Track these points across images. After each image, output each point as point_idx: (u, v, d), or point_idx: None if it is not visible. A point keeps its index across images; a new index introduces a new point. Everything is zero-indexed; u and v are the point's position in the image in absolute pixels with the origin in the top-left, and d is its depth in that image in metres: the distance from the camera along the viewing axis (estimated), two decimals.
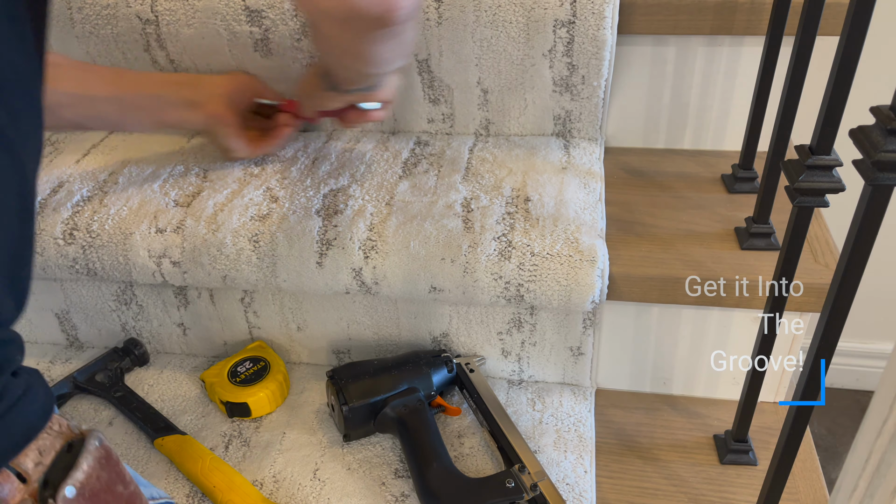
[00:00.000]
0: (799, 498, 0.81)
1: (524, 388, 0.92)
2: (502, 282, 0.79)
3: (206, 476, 0.79)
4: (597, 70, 0.89)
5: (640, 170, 0.99)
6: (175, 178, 0.92)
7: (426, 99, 0.96)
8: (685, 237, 0.86)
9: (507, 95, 0.94)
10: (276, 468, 0.83)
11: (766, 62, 0.83)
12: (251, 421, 0.89)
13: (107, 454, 0.53)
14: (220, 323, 0.95)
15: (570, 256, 0.78)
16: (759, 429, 0.87)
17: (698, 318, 0.88)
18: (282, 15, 0.90)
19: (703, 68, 0.96)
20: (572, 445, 0.84)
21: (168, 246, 0.84)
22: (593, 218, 0.83)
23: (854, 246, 0.55)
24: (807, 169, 0.61)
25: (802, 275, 0.75)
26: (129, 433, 0.88)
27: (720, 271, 0.80)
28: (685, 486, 0.83)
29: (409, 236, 0.81)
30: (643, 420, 0.91)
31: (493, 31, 0.88)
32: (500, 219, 0.83)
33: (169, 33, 0.94)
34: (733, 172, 0.96)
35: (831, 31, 0.67)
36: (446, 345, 0.92)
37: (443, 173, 0.91)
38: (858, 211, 0.54)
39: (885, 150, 0.49)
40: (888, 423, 0.44)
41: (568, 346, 0.89)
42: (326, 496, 0.79)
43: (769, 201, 0.83)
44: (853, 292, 0.57)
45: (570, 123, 0.96)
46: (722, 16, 0.89)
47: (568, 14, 0.85)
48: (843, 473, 0.50)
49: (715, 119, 1.01)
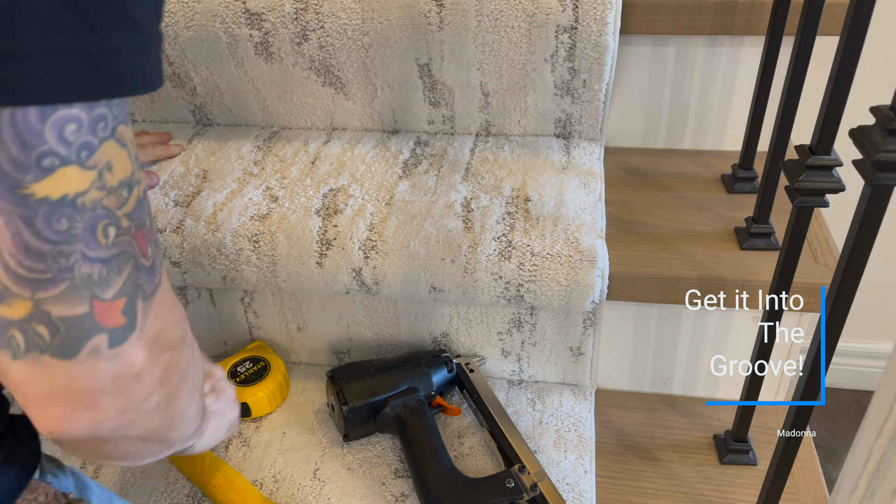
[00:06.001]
0: (799, 498, 0.81)
1: (524, 388, 0.92)
2: (502, 282, 0.79)
3: (205, 476, 0.79)
4: (598, 75, 0.89)
5: (640, 170, 0.99)
6: (175, 178, 0.92)
7: (426, 102, 0.96)
8: (685, 237, 0.86)
9: (509, 99, 0.94)
10: (276, 468, 0.83)
11: (766, 62, 0.83)
12: (251, 421, 0.89)
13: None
14: (220, 323, 0.95)
15: (570, 256, 0.78)
16: (759, 429, 0.87)
17: (698, 318, 0.88)
18: (282, 18, 0.90)
19: (703, 68, 0.96)
20: (572, 445, 0.84)
21: (168, 246, 0.84)
22: (593, 218, 0.83)
23: (854, 246, 0.55)
24: (807, 169, 0.61)
25: (802, 275, 0.75)
26: None
27: (720, 272, 0.80)
28: (685, 486, 0.83)
29: (409, 236, 0.81)
30: (643, 420, 0.91)
31: (495, 35, 0.88)
32: (501, 219, 0.83)
33: (168, 35, 0.94)
34: (733, 172, 0.96)
35: (831, 31, 0.67)
36: (446, 345, 0.92)
37: (443, 173, 0.91)
38: (858, 211, 0.54)
39: (885, 150, 0.49)
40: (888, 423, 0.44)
41: (568, 346, 0.89)
42: (326, 496, 0.79)
43: (769, 201, 0.83)
44: (853, 292, 0.57)
45: (570, 126, 0.96)
46: (722, 16, 0.89)
47: (570, 20, 0.85)
48: (843, 473, 0.50)
49: (715, 119, 1.01)
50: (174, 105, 1.02)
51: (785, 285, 0.70)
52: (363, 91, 0.96)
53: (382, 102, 0.97)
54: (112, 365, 0.39)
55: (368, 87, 0.95)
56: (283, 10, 0.89)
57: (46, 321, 0.37)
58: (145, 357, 0.41)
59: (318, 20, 0.89)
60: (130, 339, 0.40)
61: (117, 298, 0.39)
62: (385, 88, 0.95)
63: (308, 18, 0.89)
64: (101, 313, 0.38)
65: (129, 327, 0.40)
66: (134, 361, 0.40)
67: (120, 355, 0.40)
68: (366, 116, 0.99)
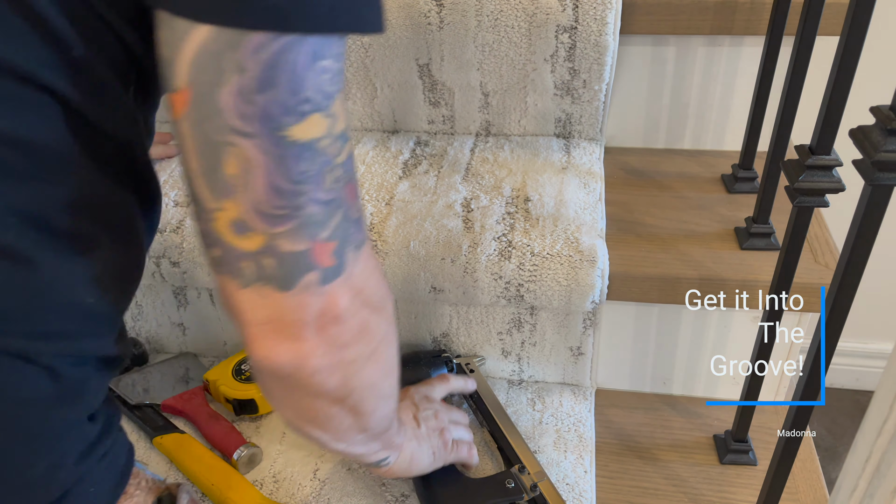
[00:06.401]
0: (799, 498, 0.81)
1: (524, 388, 0.92)
2: (502, 282, 0.79)
3: (205, 475, 0.79)
4: (598, 75, 0.89)
5: (640, 170, 0.99)
6: (175, 178, 0.92)
7: (426, 102, 0.96)
8: (685, 237, 0.86)
9: (509, 99, 0.94)
10: (276, 468, 0.83)
11: (766, 62, 0.83)
12: (251, 420, 0.89)
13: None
14: (219, 323, 0.95)
15: (570, 256, 0.78)
16: (759, 429, 0.87)
17: (698, 318, 0.88)
18: None
19: (703, 68, 0.96)
20: (572, 445, 0.84)
21: (168, 246, 0.83)
22: (593, 218, 0.83)
23: (854, 246, 0.55)
24: (807, 169, 0.61)
25: (802, 275, 0.75)
26: (129, 432, 0.87)
27: (720, 272, 0.80)
28: (685, 486, 0.83)
29: (409, 236, 0.81)
30: (643, 420, 0.91)
31: (495, 35, 0.88)
32: (501, 219, 0.83)
33: None
34: (733, 172, 0.95)
35: (831, 31, 0.67)
36: (446, 345, 0.92)
37: (443, 173, 0.91)
38: (858, 211, 0.54)
39: (885, 150, 0.49)
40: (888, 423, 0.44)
41: (568, 346, 0.89)
42: (326, 496, 0.79)
43: (769, 201, 0.83)
44: (853, 292, 0.57)
45: (570, 126, 0.96)
46: (722, 16, 0.89)
47: (570, 20, 0.85)
48: (843, 473, 0.50)
49: (715, 119, 1.01)
50: None
51: (785, 285, 0.70)
52: (363, 91, 0.96)
53: (382, 102, 0.97)
54: (318, 301, 0.43)
55: (368, 87, 0.95)
56: None
57: (275, 254, 0.41)
58: (348, 302, 0.44)
59: None
60: (338, 281, 0.43)
61: (330, 241, 0.42)
62: (385, 88, 0.95)
63: None
64: (318, 252, 0.42)
65: (337, 269, 0.43)
66: (338, 302, 0.44)
67: (327, 293, 0.43)
68: (366, 116, 0.99)
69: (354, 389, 0.50)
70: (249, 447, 0.82)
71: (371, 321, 0.48)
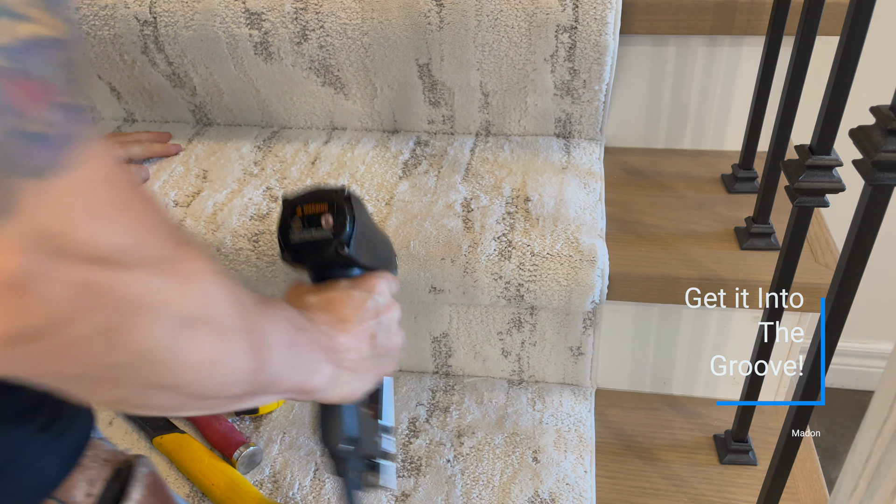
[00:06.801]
0: (799, 498, 0.81)
1: (524, 387, 0.92)
2: (502, 282, 0.79)
3: (204, 475, 0.79)
4: (598, 75, 0.89)
5: (640, 170, 0.99)
6: (175, 178, 0.92)
7: (426, 102, 0.96)
8: (685, 237, 0.86)
9: (508, 99, 0.94)
10: (276, 468, 0.83)
11: (766, 62, 0.83)
12: (251, 420, 0.89)
13: (155, 481, 0.51)
14: None
15: (570, 256, 0.78)
16: (759, 429, 0.87)
17: (698, 318, 0.88)
18: (282, 18, 0.90)
19: (703, 68, 0.96)
20: (572, 445, 0.84)
21: None
22: (593, 218, 0.83)
23: (854, 246, 0.55)
24: (807, 169, 0.61)
25: (802, 275, 0.75)
26: (129, 432, 0.88)
27: (720, 272, 0.80)
28: (685, 486, 0.83)
29: (409, 236, 0.81)
30: (643, 420, 0.91)
31: (495, 35, 0.88)
32: (500, 219, 0.83)
33: (167, 35, 0.94)
34: (733, 172, 0.95)
35: (831, 31, 0.67)
36: (446, 344, 0.92)
37: (443, 173, 0.91)
38: (858, 211, 0.54)
39: (885, 150, 0.49)
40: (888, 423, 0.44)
41: (568, 346, 0.89)
42: (326, 496, 0.79)
43: (769, 201, 0.83)
44: (853, 292, 0.57)
45: (570, 126, 0.96)
46: (722, 16, 0.89)
47: (570, 19, 0.85)
48: (843, 473, 0.50)
49: (715, 119, 1.01)
50: (174, 105, 1.02)
51: (785, 285, 0.70)
52: (363, 91, 0.96)
53: (382, 102, 0.97)
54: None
55: (368, 87, 0.95)
56: (282, 10, 0.89)
57: None
58: (22, 261, 0.27)
59: (318, 20, 0.89)
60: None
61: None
62: (385, 88, 0.95)
63: (308, 18, 0.89)
64: None
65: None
66: (5, 261, 0.27)
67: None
68: (366, 116, 0.99)
69: (126, 367, 0.34)
70: (249, 447, 0.82)
71: (105, 278, 0.30)
